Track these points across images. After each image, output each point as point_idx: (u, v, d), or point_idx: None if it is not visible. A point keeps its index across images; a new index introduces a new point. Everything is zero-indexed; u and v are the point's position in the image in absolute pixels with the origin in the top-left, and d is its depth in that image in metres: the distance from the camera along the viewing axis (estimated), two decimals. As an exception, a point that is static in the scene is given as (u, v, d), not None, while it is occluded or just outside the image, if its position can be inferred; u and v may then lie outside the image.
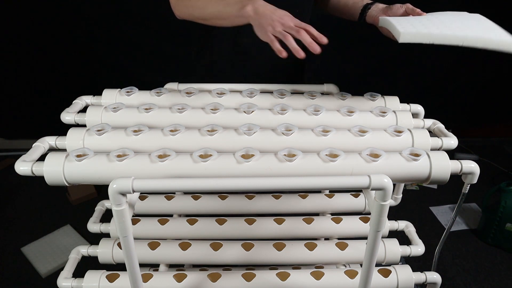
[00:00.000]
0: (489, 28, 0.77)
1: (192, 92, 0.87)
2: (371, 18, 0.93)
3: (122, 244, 0.61)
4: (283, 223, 0.93)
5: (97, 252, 0.88)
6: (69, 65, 2.06)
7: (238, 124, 0.76)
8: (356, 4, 0.98)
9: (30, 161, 0.65)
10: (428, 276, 0.82)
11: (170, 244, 0.89)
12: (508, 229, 1.76)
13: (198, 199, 0.98)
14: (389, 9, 0.89)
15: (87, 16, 1.93)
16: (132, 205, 0.61)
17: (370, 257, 0.65)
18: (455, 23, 0.77)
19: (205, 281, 0.79)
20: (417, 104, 0.89)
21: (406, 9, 0.86)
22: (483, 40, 0.72)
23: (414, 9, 0.86)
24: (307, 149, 0.70)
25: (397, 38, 0.75)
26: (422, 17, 0.82)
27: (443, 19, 0.79)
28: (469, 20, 0.80)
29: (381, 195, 0.58)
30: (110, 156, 0.65)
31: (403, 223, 1.01)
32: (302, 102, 0.87)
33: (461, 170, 0.67)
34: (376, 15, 0.91)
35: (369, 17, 0.94)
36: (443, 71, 2.23)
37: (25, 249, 1.76)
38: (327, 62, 2.03)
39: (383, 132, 0.75)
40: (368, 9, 0.94)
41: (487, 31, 0.75)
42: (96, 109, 0.81)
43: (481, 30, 0.75)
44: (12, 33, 1.95)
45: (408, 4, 0.87)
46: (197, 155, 0.66)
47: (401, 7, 0.87)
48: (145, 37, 1.97)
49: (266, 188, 0.58)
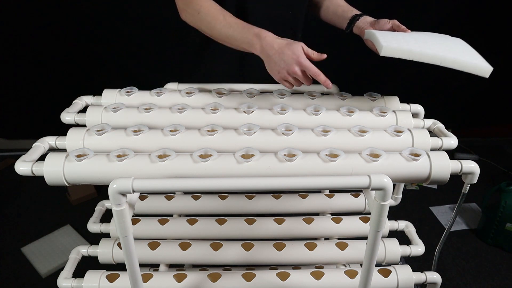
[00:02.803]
0: (467, 52, 0.81)
1: (192, 92, 0.87)
2: (358, 29, 0.95)
3: (122, 244, 0.61)
4: (283, 223, 0.93)
5: (97, 252, 0.88)
6: (69, 65, 2.06)
7: (238, 124, 0.76)
8: (345, 14, 1.00)
9: (30, 161, 0.65)
10: (428, 276, 0.82)
11: (170, 244, 0.89)
12: (508, 229, 1.76)
13: (198, 199, 0.98)
14: (377, 23, 0.91)
15: (87, 16, 1.93)
16: (132, 205, 0.61)
17: (370, 257, 0.65)
18: (436, 44, 0.81)
19: (205, 281, 0.79)
20: (417, 104, 0.89)
21: (392, 24, 0.89)
22: (460, 63, 0.75)
23: (399, 25, 0.89)
24: (307, 149, 0.70)
25: (379, 51, 0.78)
26: (407, 34, 0.86)
27: (426, 39, 0.83)
28: (450, 43, 0.84)
29: (381, 195, 0.58)
30: (110, 156, 0.65)
31: (403, 223, 1.01)
32: (302, 102, 0.87)
33: (461, 170, 0.67)
34: (363, 27, 0.93)
35: (356, 28, 0.96)
36: (443, 71, 2.22)
37: (25, 249, 1.76)
38: (327, 62, 2.04)
39: (383, 132, 0.75)
40: (356, 20, 0.96)
41: (465, 55, 0.79)
42: (96, 109, 0.81)
43: (460, 53, 0.78)
44: (12, 33, 1.95)
45: (394, 20, 0.90)
46: (197, 155, 0.66)
47: (388, 23, 0.89)
48: (145, 37, 1.97)
49: (266, 188, 0.58)
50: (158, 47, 2.00)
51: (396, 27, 0.89)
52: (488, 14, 2.05)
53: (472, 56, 0.79)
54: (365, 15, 0.96)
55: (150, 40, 1.99)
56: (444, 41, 0.85)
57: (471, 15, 2.02)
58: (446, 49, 0.79)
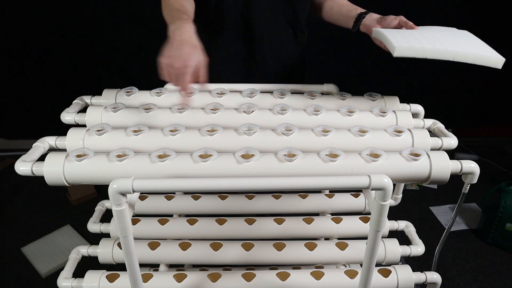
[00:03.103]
0: (477, 45, 0.80)
1: (192, 92, 0.87)
2: (365, 27, 0.94)
3: (122, 244, 0.61)
4: (283, 223, 0.93)
5: (97, 252, 0.88)
6: (69, 65, 2.06)
7: (238, 124, 0.76)
8: (350, 13, 0.99)
9: (30, 161, 0.65)
10: (428, 276, 0.82)
11: (170, 244, 0.89)
12: (508, 229, 1.76)
13: (198, 199, 0.98)
14: (383, 20, 0.90)
15: (87, 16, 1.93)
16: (132, 205, 0.61)
17: (370, 257, 0.65)
18: (445, 39, 0.80)
19: (205, 281, 0.79)
20: (417, 104, 0.89)
21: (399, 21, 0.88)
22: (473, 55, 0.75)
23: (407, 22, 0.87)
24: (307, 149, 0.70)
25: (392, 52, 0.76)
26: (415, 31, 0.84)
27: (434, 34, 0.81)
28: (458, 36, 0.83)
29: (381, 195, 0.58)
30: (110, 156, 0.65)
31: (403, 223, 1.01)
32: (302, 102, 0.87)
33: (461, 170, 0.67)
34: (370, 25, 0.92)
35: (363, 26, 0.95)
36: (443, 71, 2.23)
37: (25, 249, 1.76)
38: (327, 62, 2.04)
39: (383, 132, 0.75)
40: (362, 18, 0.95)
41: (475, 47, 0.78)
42: (96, 109, 0.81)
43: (470, 46, 0.78)
44: (12, 33, 1.95)
45: (401, 17, 0.88)
46: (197, 155, 0.66)
47: (395, 19, 0.88)
48: (145, 37, 1.97)
49: (266, 188, 0.58)
50: (158, 47, 2.00)
51: (403, 23, 0.87)
52: (489, 13, 2.05)
53: (482, 48, 0.78)
54: (370, 12, 0.95)
55: (150, 40, 1.99)
56: (452, 35, 0.83)
57: (472, 14, 2.02)
58: (456, 43, 0.77)
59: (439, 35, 0.82)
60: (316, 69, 1.54)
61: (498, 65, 0.75)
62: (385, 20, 0.89)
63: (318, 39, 1.55)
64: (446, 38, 0.80)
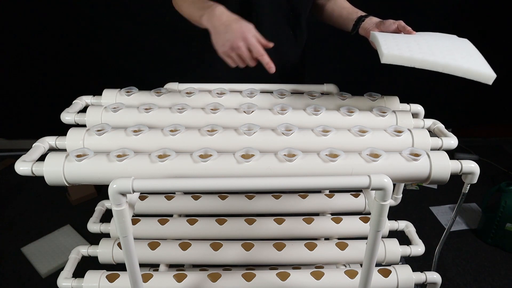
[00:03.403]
0: (472, 57, 0.79)
1: (192, 92, 0.87)
2: (364, 31, 0.94)
3: (122, 244, 0.61)
4: (283, 223, 0.93)
5: (97, 252, 0.88)
6: (69, 65, 2.06)
7: (238, 124, 0.76)
8: (350, 16, 0.99)
9: (30, 161, 0.65)
10: (428, 276, 0.83)
11: (170, 244, 0.89)
12: (508, 229, 1.76)
13: (198, 199, 0.98)
14: (382, 24, 0.90)
15: (87, 16, 1.93)
16: (132, 205, 0.61)
17: (370, 257, 0.65)
18: (439, 48, 0.79)
19: (205, 281, 0.79)
20: (417, 104, 0.89)
21: (398, 26, 0.88)
22: (463, 70, 0.74)
23: (405, 26, 0.87)
24: (307, 149, 0.70)
25: (380, 58, 0.77)
26: (410, 37, 0.84)
27: (430, 42, 0.81)
28: (455, 46, 0.82)
29: (381, 195, 0.58)
30: (110, 156, 0.65)
31: (403, 223, 1.01)
32: (302, 102, 0.87)
33: (461, 170, 0.67)
34: (369, 28, 0.92)
35: (362, 30, 0.95)
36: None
37: (25, 249, 1.76)
38: (327, 62, 2.04)
39: (383, 132, 0.75)
40: (362, 22, 0.95)
41: (469, 60, 0.77)
42: (96, 109, 0.81)
43: (464, 59, 0.77)
44: (12, 33, 1.95)
45: (400, 21, 0.88)
46: (197, 155, 0.66)
47: (394, 24, 0.88)
48: (145, 37, 1.97)
49: (266, 188, 0.58)
50: (158, 47, 2.00)
51: (402, 28, 0.87)
52: (488, 14, 2.05)
53: (476, 62, 0.77)
54: (370, 16, 0.96)
55: (150, 40, 1.99)
56: (450, 44, 0.83)
57: (471, 15, 2.03)
58: (449, 55, 0.77)
59: (435, 43, 0.81)
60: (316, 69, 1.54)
61: (488, 81, 0.74)
62: (384, 24, 0.89)
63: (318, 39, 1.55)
64: (441, 48, 0.79)
